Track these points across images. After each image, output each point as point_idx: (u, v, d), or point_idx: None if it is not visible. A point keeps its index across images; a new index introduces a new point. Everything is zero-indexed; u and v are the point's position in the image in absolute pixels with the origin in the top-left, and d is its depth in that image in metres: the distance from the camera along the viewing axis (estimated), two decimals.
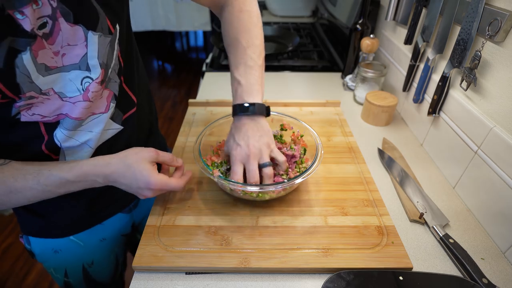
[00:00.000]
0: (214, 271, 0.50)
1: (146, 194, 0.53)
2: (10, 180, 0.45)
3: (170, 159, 0.57)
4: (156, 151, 0.54)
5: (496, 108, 0.56)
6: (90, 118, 0.52)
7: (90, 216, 0.65)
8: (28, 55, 0.41)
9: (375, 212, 0.59)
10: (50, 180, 0.47)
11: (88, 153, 0.55)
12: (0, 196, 0.45)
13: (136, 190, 0.52)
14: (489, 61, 0.57)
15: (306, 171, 0.56)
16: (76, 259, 0.68)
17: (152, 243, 0.53)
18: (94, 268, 0.72)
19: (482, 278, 0.48)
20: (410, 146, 0.79)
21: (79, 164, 0.49)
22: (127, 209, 0.71)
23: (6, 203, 0.47)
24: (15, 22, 0.39)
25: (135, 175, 0.50)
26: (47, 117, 0.47)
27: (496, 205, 0.55)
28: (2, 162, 0.46)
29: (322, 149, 0.61)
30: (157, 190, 0.52)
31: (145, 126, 0.69)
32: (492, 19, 0.54)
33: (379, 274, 0.48)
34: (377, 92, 0.89)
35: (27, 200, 0.48)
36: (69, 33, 0.44)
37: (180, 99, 2.97)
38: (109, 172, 0.50)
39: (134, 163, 0.50)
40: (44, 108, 0.46)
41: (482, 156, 0.57)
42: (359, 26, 1.00)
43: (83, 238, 0.66)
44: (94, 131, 0.53)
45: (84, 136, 0.53)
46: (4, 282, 1.45)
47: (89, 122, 0.52)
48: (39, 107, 0.46)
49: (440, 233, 0.55)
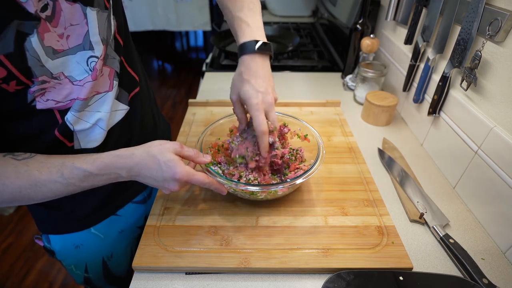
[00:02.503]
0: (214, 271, 0.50)
1: (172, 187, 0.50)
2: (35, 173, 0.45)
3: (195, 154, 0.54)
4: (181, 144, 0.52)
5: (496, 108, 0.56)
6: (96, 97, 0.53)
7: (104, 205, 0.65)
8: (36, 38, 0.41)
9: (375, 212, 0.59)
10: (73, 173, 0.46)
11: (100, 135, 0.55)
12: (26, 190, 0.45)
13: (162, 183, 0.50)
14: (490, 61, 0.57)
15: (308, 170, 0.56)
16: (97, 252, 0.68)
17: (152, 243, 0.53)
18: (113, 261, 0.72)
19: (482, 278, 0.47)
20: (410, 146, 0.79)
21: (102, 156, 0.48)
22: (142, 199, 0.71)
23: (33, 197, 0.46)
24: (19, 5, 0.39)
25: (161, 166, 0.48)
26: (60, 102, 0.48)
27: (496, 205, 0.55)
28: (28, 156, 0.46)
29: (324, 149, 0.61)
30: (183, 182, 0.50)
31: (149, 109, 0.70)
32: (492, 19, 0.54)
33: (379, 274, 0.48)
34: (377, 92, 0.89)
35: (52, 193, 0.47)
36: (70, 12, 0.45)
37: (180, 99, 2.97)
38: (133, 164, 0.48)
39: (158, 153, 0.49)
40: (56, 93, 0.47)
41: (483, 156, 0.57)
42: (359, 26, 1.00)
43: (102, 230, 0.66)
44: (102, 111, 0.54)
45: (93, 117, 0.53)
46: (4, 283, 1.45)
47: (95, 102, 0.53)
48: (52, 92, 0.47)
49: (440, 233, 0.55)
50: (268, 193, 0.57)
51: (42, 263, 1.53)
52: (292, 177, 0.59)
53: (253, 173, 0.58)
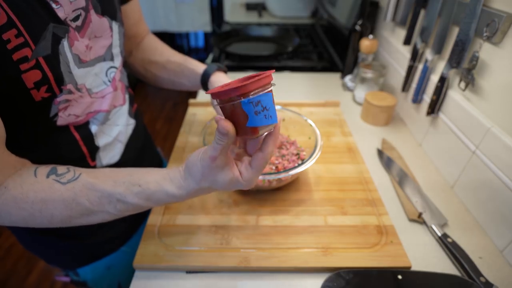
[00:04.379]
0: (214, 270, 0.51)
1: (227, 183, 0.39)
2: (84, 202, 0.40)
3: None
4: None
5: (494, 108, 0.56)
6: (114, 110, 0.54)
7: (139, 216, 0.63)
8: (67, 43, 0.42)
9: (374, 211, 0.59)
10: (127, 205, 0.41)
11: (120, 150, 0.56)
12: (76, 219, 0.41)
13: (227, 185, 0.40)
14: (487, 62, 0.57)
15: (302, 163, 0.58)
16: (128, 267, 0.65)
17: (153, 243, 0.53)
18: None
19: (480, 277, 0.48)
20: (409, 146, 0.80)
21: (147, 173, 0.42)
22: None
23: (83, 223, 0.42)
24: (53, 10, 0.40)
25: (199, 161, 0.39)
26: (80, 117, 0.48)
27: (494, 205, 0.55)
28: (72, 176, 0.41)
29: (322, 140, 0.63)
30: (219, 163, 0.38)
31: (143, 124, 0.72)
32: (489, 21, 0.54)
33: (378, 273, 0.49)
34: (376, 92, 0.89)
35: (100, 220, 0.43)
36: (98, 24, 0.47)
37: (180, 99, 2.98)
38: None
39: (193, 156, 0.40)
40: (78, 107, 0.47)
41: (480, 156, 0.58)
42: (358, 27, 1.00)
43: (131, 244, 0.65)
44: (120, 124, 0.55)
45: (114, 130, 0.54)
46: (6, 282, 1.45)
47: (114, 115, 0.54)
48: (74, 107, 0.46)
49: (438, 233, 0.55)
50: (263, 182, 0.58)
51: (44, 263, 1.53)
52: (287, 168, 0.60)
53: None
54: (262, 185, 0.59)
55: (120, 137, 0.55)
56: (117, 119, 0.55)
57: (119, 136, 0.55)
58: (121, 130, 0.55)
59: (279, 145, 0.67)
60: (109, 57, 0.50)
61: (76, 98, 0.46)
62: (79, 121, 0.48)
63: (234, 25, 1.70)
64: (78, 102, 0.46)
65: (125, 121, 0.56)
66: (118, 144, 0.56)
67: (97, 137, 0.52)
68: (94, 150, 0.52)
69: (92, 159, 0.52)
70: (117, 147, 0.56)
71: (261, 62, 1.21)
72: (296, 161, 0.63)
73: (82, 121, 0.49)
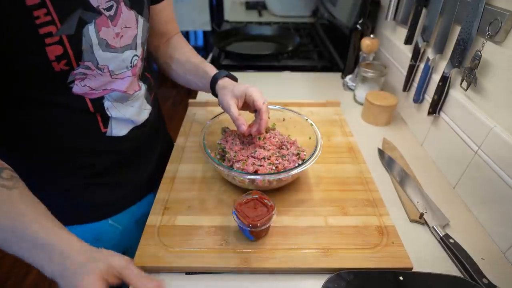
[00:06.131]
0: (214, 271, 0.50)
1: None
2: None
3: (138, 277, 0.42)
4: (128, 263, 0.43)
5: (496, 108, 0.56)
6: (134, 94, 0.61)
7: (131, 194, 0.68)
8: (93, 27, 0.48)
9: (375, 212, 0.59)
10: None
11: (131, 126, 0.62)
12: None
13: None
14: (489, 61, 0.57)
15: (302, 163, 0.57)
16: (117, 245, 0.69)
17: (152, 243, 0.53)
18: (132, 254, 0.69)
19: (482, 278, 0.48)
20: (410, 146, 0.79)
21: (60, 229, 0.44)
22: None
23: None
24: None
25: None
26: (94, 90, 0.54)
27: (496, 205, 0.55)
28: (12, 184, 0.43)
29: (322, 140, 0.63)
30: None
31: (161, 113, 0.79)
32: (492, 19, 0.54)
33: (379, 274, 0.48)
34: (377, 92, 0.89)
35: None
36: (127, 16, 0.54)
37: (180, 99, 2.97)
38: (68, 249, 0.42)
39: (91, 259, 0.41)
40: (95, 81, 0.53)
41: (482, 156, 0.57)
42: (359, 26, 1.00)
43: (120, 221, 0.67)
44: (134, 106, 0.62)
45: (128, 111, 0.60)
46: (5, 282, 1.45)
47: (132, 98, 0.60)
48: (91, 80, 0.52)
49: (440, 233, 0.55)
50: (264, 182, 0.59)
51: None
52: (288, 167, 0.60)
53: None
54: (262, 185, 0.59)
55: (132, 117, 0.61)
56: (133, 101, 0.61)
57: (132, 117, 0.61)
58: (134, 112, 0.61)
59: (279, 145, 0.67)
60: (135, 46, 0.57)
61: (94, 74, 0.52)
62: (94, 93, 0.54)
63: (234, 24, 1.69)
64: (96, 78, 0.52)
65: (139, 105, 0.63)
66: (129, 122, 0.62)
67: (109, 111, 0.57)
68: (106, 119, 0.58)
69: (104, 126, 0.58)
70: (128, 124, 0.62)
71: (261, 61, 1.21)
72: (297, 161, 0.63)
73: (97, 95, 0.54)
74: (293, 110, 0.72)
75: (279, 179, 0.58)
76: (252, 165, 0.60)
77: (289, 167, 0.61)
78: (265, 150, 0.64)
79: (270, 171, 0.60)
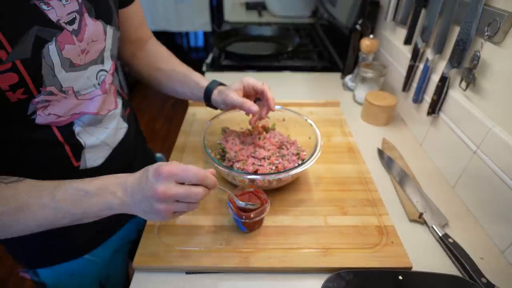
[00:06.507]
0: (214, 271, 0.51)
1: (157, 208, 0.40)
2: (23, 196, 0.40)
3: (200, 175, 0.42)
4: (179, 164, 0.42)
5: (495, 108, 0.56)
6: (108, 114, 0.54)
7: (108, 227, 0.63)
8: (54, 46, 0.41)
9: (375, 212, 0.59)
10: (67, 194, 0.41)
11: (107, 153, 0.56)
12: (8, 216, 0.39)
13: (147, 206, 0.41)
14: (488, 62, 0.57)
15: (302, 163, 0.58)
16: (94, 277, 0.65)
17: (153, 243, 0.53)
18: (111, 282, 0.69)
19: (481, 278, 0.48)
20: (410, 146, 0.79)
21: (100, 177, 0.44)
22: None
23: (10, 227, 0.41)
24: (40, 11, 0.39)
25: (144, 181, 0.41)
26: (62, 117, 0.47)
27: (495, 205, 0.55)
28: (16, 179, 0.42)
29: (322, 140, 0.63)
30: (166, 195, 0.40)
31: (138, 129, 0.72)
32: (491, 20, 0.54)
33: (378, 273, 0.49)
34: (377, 92, 0.89)
35: (36, 223, 0.41)
36: (93, 28, 0.47)
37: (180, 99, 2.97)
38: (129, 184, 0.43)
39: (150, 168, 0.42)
40: (60, 107, 0.46)
41: (481, 156, 0.58)
42: (359, 27, 1.00)
43: (97, 253, 0.63)
44: (109, 127, 0.55)
45: (103, 133, 0.54)
46: (5, 282, 1.45)
47: (106, 119, 0.54)
48: (56, 106, 0.46)
49: (439, 233, 0.55)
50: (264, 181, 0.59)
51: None
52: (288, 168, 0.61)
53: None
54: (262, 185, 0.59)
55: (108, 140, 0.55)
56: (108, 123, 0.55)
57: (107, 139, 0.55)
58: (109, 134, 0.55)
59: (279, 145, 0.67)
60: (100, 60, 0.50)
61: (58, 99, 0.45)
62: (62, 121, 0.48)
63: (234, 25, 1.69)
64: (61, 103, 0.46)
65: (115, 125, 0.56)
66: (105, 147, 0.55)
67: (82, 138, 0.51)
68: (78, 150, 0.51)
69: (77, 159, 0.52)
70: (103, 150, 0.55)
71: (261, 61, 1.21)
72: (296, 161, 0.63)
73: (65, 122, 0.48)
74: (293, 110, 0.73)
75: (279, 179, 0.58)
76: (252, 165, 0.60)
77: (289, 167, 0.61)
78: (265, 150, 0.64)
79: (270, 171, 0.60)
